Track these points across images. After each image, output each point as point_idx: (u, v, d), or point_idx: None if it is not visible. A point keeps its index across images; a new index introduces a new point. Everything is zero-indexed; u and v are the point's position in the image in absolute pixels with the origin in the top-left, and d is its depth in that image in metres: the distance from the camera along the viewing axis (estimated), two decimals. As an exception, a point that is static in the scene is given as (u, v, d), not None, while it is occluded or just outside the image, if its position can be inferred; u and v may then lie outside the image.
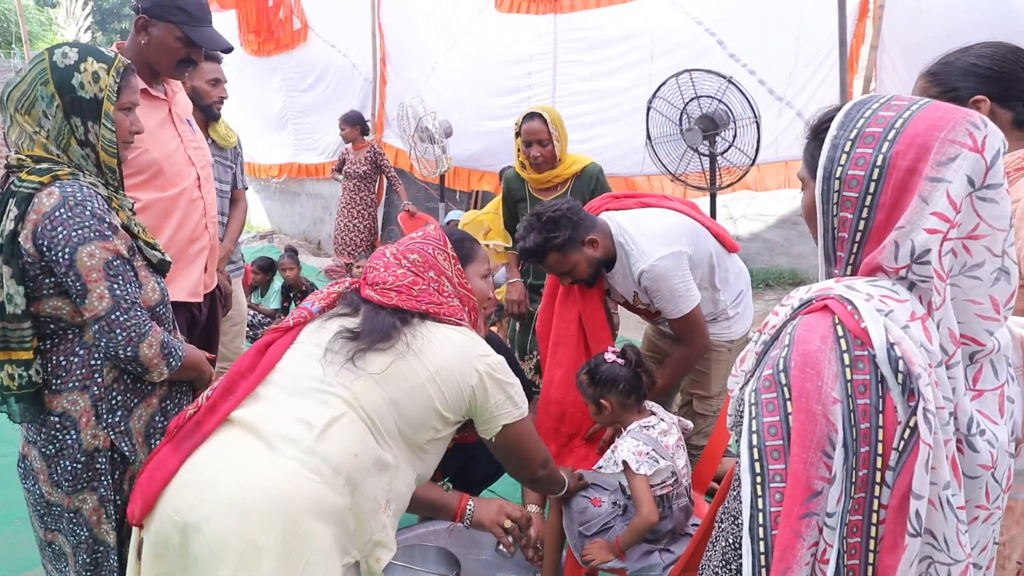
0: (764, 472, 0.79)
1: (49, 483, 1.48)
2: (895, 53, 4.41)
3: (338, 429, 1.22)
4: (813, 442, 0.77)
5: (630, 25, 5.39)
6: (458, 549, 2.01)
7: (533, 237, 2.03)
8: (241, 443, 1.21)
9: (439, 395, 1.32)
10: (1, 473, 3.06)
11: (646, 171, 5.59)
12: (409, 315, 1.37)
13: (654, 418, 1.86)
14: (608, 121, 5.71)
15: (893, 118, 0.82)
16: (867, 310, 0.78)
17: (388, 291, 1.39)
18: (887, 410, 0.76)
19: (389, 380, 1.29)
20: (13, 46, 14.39)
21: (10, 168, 1.44)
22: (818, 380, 0.77)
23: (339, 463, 1.19)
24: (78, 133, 1.45)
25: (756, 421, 0.81)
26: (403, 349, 1.32)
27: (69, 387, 1.45)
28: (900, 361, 0.76)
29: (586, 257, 2.06)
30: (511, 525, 1.82)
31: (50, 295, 1.42)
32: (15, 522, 2.67)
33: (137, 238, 1.53)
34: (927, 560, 0.79)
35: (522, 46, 5.85)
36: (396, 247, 1.50)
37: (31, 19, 14.60)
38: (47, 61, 1.43)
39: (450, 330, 1.40)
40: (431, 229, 1.53)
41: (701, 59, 4.87)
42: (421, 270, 1.43)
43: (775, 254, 6.19)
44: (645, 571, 1.79)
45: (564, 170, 2.67)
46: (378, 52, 6.88)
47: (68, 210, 1.37)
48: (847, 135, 0.84)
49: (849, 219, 0.84)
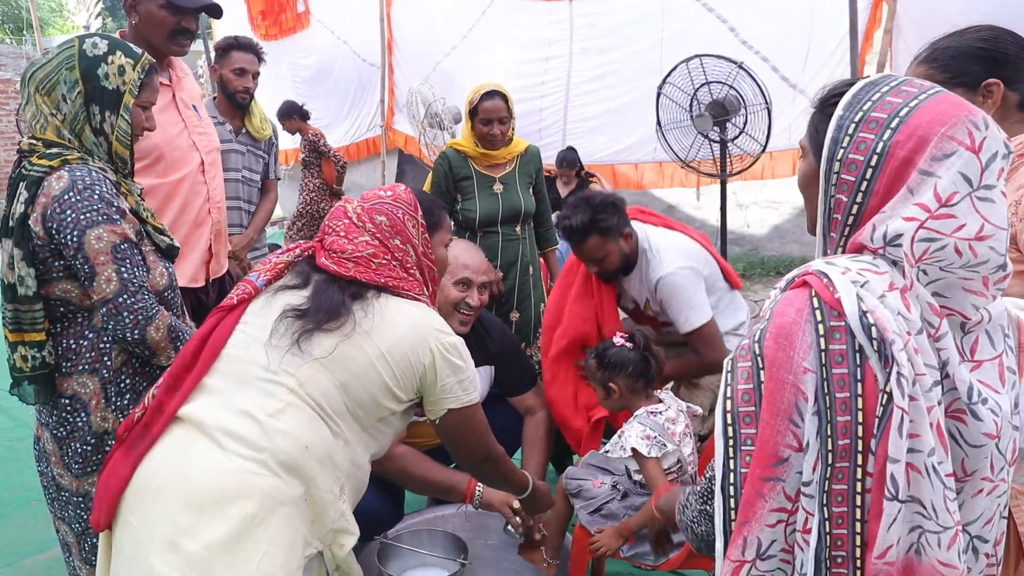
0: (736, 436, 0.83)
1: (61, 465, 1.51)
2: (910, 37, 4.34)
3: (286, 420, 1.17)
4: (781, 410, 0.79)
5: (641, 12, 5.34)
6: (466, 534, 2.02)
7: (580, 216, 2.07)
8: (189, 445, 1.17)
9: (390, 374, 1.26)
10: (19, 456, 3.12)
11: (658, 158, 5.56)
12: (364, 289, 1.29)
13: (661, 405, 1.87)
14: (620, 108, 5.69)
15: (899, 105, 0.82)
16: (841, 281, 0.79)
17: (345, 261, 1.30)
18: (867, 379, 0.78)
19: (336, 363, 1.23)
20: (24, 32, 14.44)
21: (22, 153, 1.46)
22: (790, 350, 0.79)
23: (289, 456, 1.15)
24: (94, 121, 1.47)
25: (731, 388, 0.85)
26: (350, 329, 1.24)
27: (79, 370, 1.48)
28: (873, 328, 0.77)
29: (619, 249, 2.14)
30: (519, 506, 1.84)
31: (59, 278, 1.44)
32: (32, 504, 2.72)
33: (146, 223, 1.55)
34: (917, 529, 0.79)
35: (539, 32, 5.82)
36: (361, 204, 1.38)
37: (42, 6, 14.64)
38: (76, 48, 1.45)
39: (408, 305, 1.32)
40: (401, 191, 1.41)
41: (713, 46, 4.81)
42: (387, 235, 1.33)
43: (786, 241, 6.16)
44: (640, 556, 1.80)
45: (513, 148, 2.71)
46: (385, 38, 6.85)
47: (77, 193, 1.39)
48: (852, 117, 0.84)
49: (844, 201, 0.85)
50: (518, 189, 2.70)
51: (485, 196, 2.66)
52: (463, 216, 2.69)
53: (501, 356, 2.25)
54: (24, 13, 14.36)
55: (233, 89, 2.79)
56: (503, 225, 2.70)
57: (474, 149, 2.67)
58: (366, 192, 1.42)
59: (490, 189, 2.68)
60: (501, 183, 2.69)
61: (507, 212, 2.68)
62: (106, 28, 15.92)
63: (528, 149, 2.78)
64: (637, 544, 1.79)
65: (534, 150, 2.81)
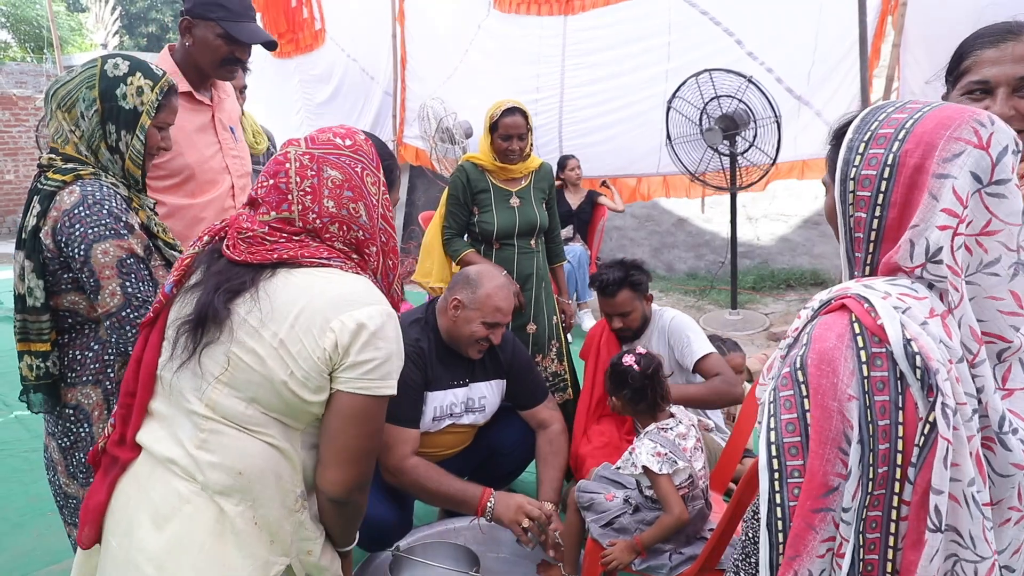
0: (782, 468, 0.81)
1: (66, 474, 1.53)
2: (918, 50, 4.35)
3: (212, 450, 1.08)
4: (829, 438, 0.78)
5: (646, 25, 5.36)
6: (477, 547, 2.02)
7: (616, 271, 2.39)
8: (151, 471, 1.12)
9: (295, 367, 1.07)
10: (34, 467, 3.15)
11: (663, 171, 5.57)
12: (255, 273, 1.10)
13: (672, 420, 1.87)
14: (621, 121, 5.69)
15: (904, 119, 0.84)
16: (883, 307, 0.78)
17: (240, 243, 1.13)
18: (907, 407, 0.77)
19: (236, 376, 1.08)
20: (45, 51, 14.72)
21: (41, 167, 1.50)
22: (834, 377, 0.78)
23: (225, 487, 1.08)
24: (110, 139, 1.50)
25: (774, 419, 0.82)
26: (232, 333, 1.08)
27: (83, 380, 1.50)
28: (917, 356, 0.76)
29: (642, 308, 2.42)
30: (529, 524, 1.84)
31: (68, 290, 1.47)
32: (47, 514, 2.74)
33: (156, 237, 1.57)
34: (952, 558, 0.79)
35: (529, 47, 5.84)
36: (311, 150, 1.15)
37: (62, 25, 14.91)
38: (98, 68, 1.49)
39: (307, 278, 1.10)
40: (361, 139, 1.20)
41: (718, 58, 4.85)
42: (332, 193, 1.12)
43: (796, 254, 6.14)
44: (653, 569, 1.79)
45: (530, 164, 2.77)
46: (399, 54, 6.94)
47: (86, 208, 1.41)
48: (861, 137, 0.86)
49: (863, 218, 0.85)
50: (533, 203, 2.75)
51: (503, 209, 2.70)
52: (480, 228, 2.72)
53: (513, 369, 2.27)
54: (45, 32, 14.63)
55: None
56: (519, 238, 2.73)
57: (492, 163, 2.70)
58: (318, 132, 1.19)
59: (507, 203, 2.71)
60: (518, 197, 2.73)
61: (524, 225, 2.72)
62: (123, 46, 16.19)
63: (542, 166, 2.84)
64: (650, 558, 1.78)
65: (547, 167, 2.86)
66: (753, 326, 5.17)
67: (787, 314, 5.40)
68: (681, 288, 6.24)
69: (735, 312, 5.28)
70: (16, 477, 3.09)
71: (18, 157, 10.52)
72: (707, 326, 5.24)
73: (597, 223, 5.29)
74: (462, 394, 2.20)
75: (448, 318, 2.12)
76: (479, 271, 2.18)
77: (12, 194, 10.56)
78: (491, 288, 2.09)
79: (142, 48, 16.91)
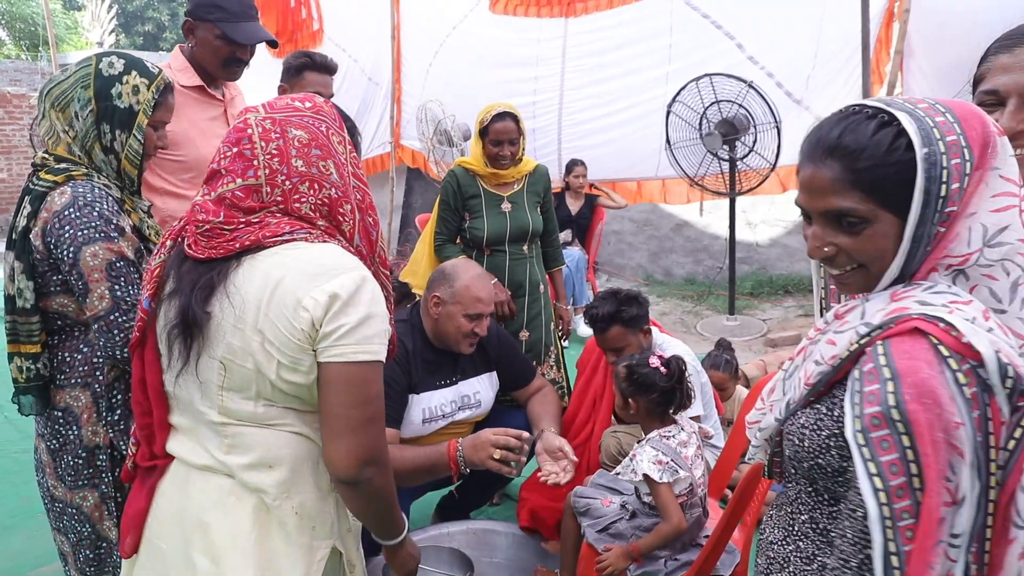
0: (893, 514, 0.78)
1: (54, 476, 1.52)
2: (921, 57, 4.35)
3: (240, 453, 1.09)
4: (940, 472, 0.76)
5: (646, 28, 5.35)
6: (471, 551, 2.00)
7: (607, 305, 2.22)
8: (184, 480, 1.13)
9: (282, 359, 1.04)
10: (24, 468, 3.11)
11: (661, 174, 5.56)
12: (222, 267, 1.06)
13: (675, 427, 1.84)
14: (621, 124, 5.68)
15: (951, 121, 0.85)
16: (963, 324, 0.78)
17: (200, 238, 1.07)
18: (994, 415, 0.78)
19: (235, 379, 1.06)
20: (40, 49, 14.66)
21: (35, 167, 1.48)
22: (938, 408, 0.77)
23: (260, 483, 1.09)
24: (104, 139, 1.48)
25: (874, 463, 0.79)
26: (217, 339, 1.05)
27: (72, 383, 1.49)
28: (1009, 367, 0.77)
29: (638, 342, 2.24)
30: (501, 453, 1.78)
31: (57, 292, 1.45)
32: (37, 516, 2.71)
33: (148, 240, 1.55)
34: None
35: (527, 49, 5.81)
36: (271, 111, 1.11)
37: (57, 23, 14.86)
38: (93, 67, 1.47)
39: (271, 259, 1.05)
40: (321, 101, 1.16)
41: (719, 62, 4.84)
42: (300, 152, 1.08)
43: (795, 260, 6.14)
44: (649, 575, 1.77)
45: (523, 168, 2.73)
46: (394, 54, 6.93)
47: (77, 210, 1.39)
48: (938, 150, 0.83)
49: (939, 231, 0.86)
50: (526, 208, 2.71)
51: (493, 215, 2.67)
52: (471, 234, 2.69)
53: (501, 358, 2.27)
54: (40, 30, 14.57)
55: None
56: (511, 244, 2.70)
57: (483, 168, 2.68)
58: (275, 100, 1.16)
59: (498, 208, 2.68)
60: (509, 202, 2.69)
61: (515, 231, 2.68)
62: (119, 44, 16.15)
63: (537, 168, 2.79)
64: (646, 564, 1.76)
65: (543, 169, 2.82)
66: (751, 332, 5.16)
67: (785, 320, 5.39)
68: (679, 293, 6.23)
69: (733, 318, 5.27)
70: (6, 478, 3.06)
71: (12, 155, 10.47)
72: (704, 332, 5.23)
73: (595, 227, 5.28)
74: (451, 393, 2.18)
75: (431, 317, 2.11)
76: (454, 264, 2.18)
77: (5, 193, 10.50)
78: (468, 279, 2.08)
79: (138, 47, 16.88)
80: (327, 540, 1.15)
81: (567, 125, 5.91)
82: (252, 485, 1.09)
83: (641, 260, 6.97)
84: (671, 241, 6.79)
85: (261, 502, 1.09)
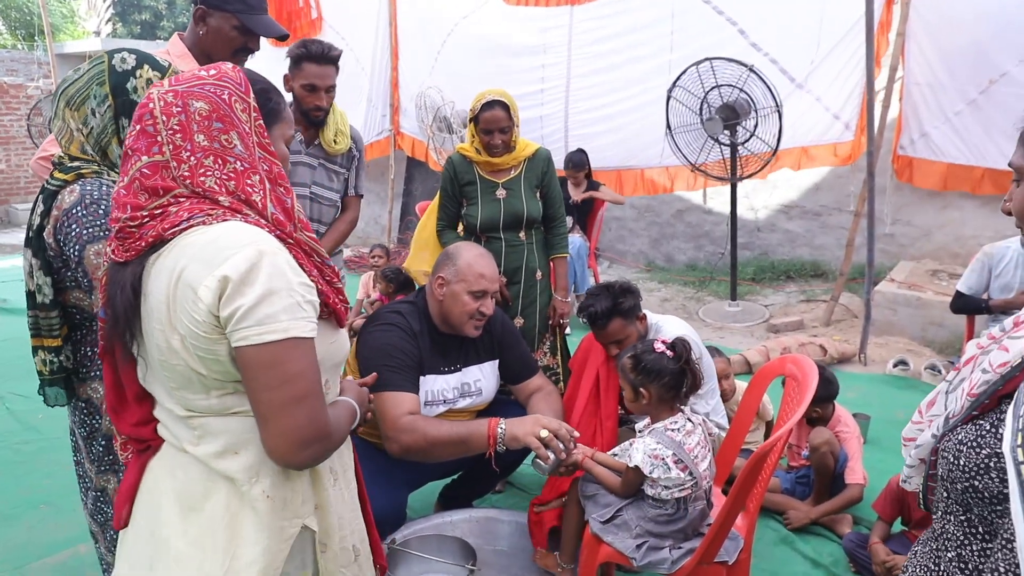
0: None
1: (89, 460, 1.60)
2: (922, 38, 4.32)
3: (208, 442, 1.10)
4: None
5: (649, 15, 5.32)
6: (474, 540, 2.01)
7: (604, 301, 2.20)
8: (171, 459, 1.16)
9: (199, 359, 1.04)
10: (26, 459, 3.12)
11: (665, 162, 5.54)
12: (133, 269, 1.06)
13: (681, 417, 1.82)
14: (625, 112, 5.66)
15: None
16: None
17: (114, 239, 1.08)
18: None
19: (180, 379, 1.07)
20: (36, 38, 14.57)
21: (54, 164, 1.51)
22: None
23: (227, 469, 1.10)
24: (123, 134, 1.50)
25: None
26: (152, 346, 1.07)
27: (92, 376, 1.54)
28: None
29: (637, 330, 2.25)
30: (547, 435, 1.77)
31: (72, 287, 1.49)
32: (39, 507, 2.71)
33: None
34: None
35: (534, 38, 5.79)
36: (174, 84, 1.09)
37: (53, 12, 14.77)
38: (106, 64, 1.49)
39: (175, 251, 1.04)
40: (228, 67, 1.14)
41: (722, 48, 4.81)
42: (202, 126, 1.06)
43: (796, 245, 6.11)
44: (654, 565, 1.77)
45: (519, 153, 2.69)
46: (391, 42, 6.88)
47: (84, 208, 1.42)
48: None
49: None
50: (522, 194, 2.68)
51: (487, 202, 2.65)
52: (467, 222, 2.69)
53: (503, 345, 2.26)
54: (36, 19, 14.49)
55: (305, 107, 2.51)
56: (505, 231, 2.68)
57: (477, 155, 2.66)
58: (182, 72, 1.15)
59: (492, 195, 2.66)
60: (504, 188, 2.67)
61: (508, 218, 2.66)
62: (116, 33, 16.04)
63: (537, 152, 2.74)
64: (650, 553, 1.76)
65: (543, 153, 2.76)
66: (752, 318, 5.15)
67: (787, 305, 5.37)
68: (680, 279, 6.22)
69: (735, 303, 5.26)
70: (8, 469, 3.05)
71: (9, 146, 10.45)
72: (706, 318, 5.21)
73: (596, 214, 5.25)
74: (454, 380, 2.18)
75: (436, 299, 2.10)
76: (456, 246, 2.17)
77: (3, 183, 10.49)
78: (470, 257, 2.08)
79: (135, 35, 16.76)
80: (296, 519, 1.14)
81: (573, 113, 5.91)
82: (223, 472, 1.11)
83: (642, 246, 6.95)
84: (672, 227, 6.76)
85: (234, 488, 1.11)
